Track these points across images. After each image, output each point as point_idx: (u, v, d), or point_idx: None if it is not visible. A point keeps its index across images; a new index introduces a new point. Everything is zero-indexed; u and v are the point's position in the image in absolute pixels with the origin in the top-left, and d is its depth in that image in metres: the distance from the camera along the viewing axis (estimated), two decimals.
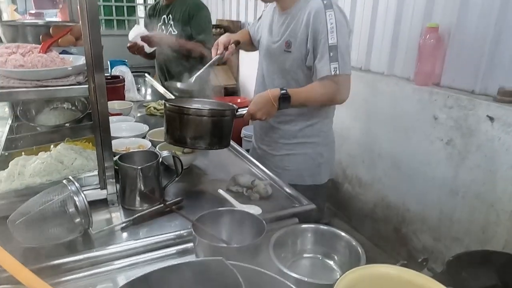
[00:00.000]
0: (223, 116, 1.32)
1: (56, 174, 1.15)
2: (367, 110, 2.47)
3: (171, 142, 1.32)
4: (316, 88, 1.46)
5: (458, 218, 1.96)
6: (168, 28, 2.68)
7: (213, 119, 1.28)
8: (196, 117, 1.26)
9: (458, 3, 1.90)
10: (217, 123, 1.29)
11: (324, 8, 1.40)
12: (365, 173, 2.57)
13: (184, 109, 1.27)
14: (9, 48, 1.10)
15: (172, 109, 1.29)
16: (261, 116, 1.42)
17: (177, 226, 1.06)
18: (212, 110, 1.32)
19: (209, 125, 1.27)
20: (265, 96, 1.42)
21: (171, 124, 1.30)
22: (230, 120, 1.34)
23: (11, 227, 0.94)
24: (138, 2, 5.54)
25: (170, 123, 1.30)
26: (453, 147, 1.94)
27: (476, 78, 1.88)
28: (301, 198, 1.24)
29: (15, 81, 1.02)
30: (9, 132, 1.60)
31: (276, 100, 1.40)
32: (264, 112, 1.42)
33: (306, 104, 1.51)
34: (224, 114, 1.32)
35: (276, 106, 1.41)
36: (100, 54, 1.03)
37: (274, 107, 1.41)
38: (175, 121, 1.28)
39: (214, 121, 1.28)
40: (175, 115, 1.28)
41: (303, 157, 1.64)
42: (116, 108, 2.00)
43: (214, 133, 1.29)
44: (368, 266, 0.81)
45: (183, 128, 1.27)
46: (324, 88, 1.45)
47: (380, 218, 2.48)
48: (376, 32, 2.44)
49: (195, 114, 1.27)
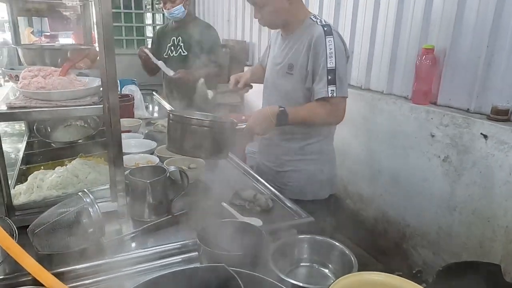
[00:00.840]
0: (223, 128, 1.39)
1: (71, 187, 1.24)
2: (367, 127, 2.55)
3: (172, 149, 1.39)
4: (313, 108, 1.55)
5: (456, 233, 2.00)
6: (178, 49, 2.81)
7: (212, 130, 1.35)
8: (196, 127, 1.34)
9: (452, 26, 2.00)
10: (217, 134, 1.36)
11: (324, 35, 1.49)
12: (365, 189, 2.63)
13: (186, 119, 1.35)
14: (32, 71, 1.20)
15: (175, 118, 1.37)
16: (259, 131, 1.50)
17: (183, 236, 1.14)
18: (212, 121, 1.40)
19: (208, 135, 1.34)
20: (264, 112, 1.51)
21: (173, 133, 1.37)
22: (229, 132, 1.41)
23: (30, 236, 1.02)
24: (146, 23, 5.73)
25: (172, 131, 1.38)
26: (450, 164, 2.00)
27: (470, 97, 1.96)
28: (301, 211, 1.31)
29: (37, 101, 1.12)
30: (26, 148, 1.70)
31: (274, 117, 1.48)
32: (262, 127, 1.50)
33: (303, 123, 1.58)
34: (223, 126, 1.40)
35: (274, 122, 1.49)
36: (114, 77, 1.12)
37: (272, 123, 1.49)
38: (177, 130, 1.35)
39: (214, 131, 1.35)
40: (177, 124, 1.36)
41: (305, 173, 1.71)
42: (126, 125, 2.09)
43: (212, 144, 1.35)
44: (359, 273, 0.88)
45: (184, 137, 1.34)
46: (321, 109, 1.53)
47: (381, 233, 2.53)
48: (375, 52, 2.54)
49: (196, 124, 1.34)
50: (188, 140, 1.33)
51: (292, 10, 1.56)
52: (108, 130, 1.16)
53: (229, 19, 4.65)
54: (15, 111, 1.09)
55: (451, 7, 1.99)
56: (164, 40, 2.90)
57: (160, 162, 1.58)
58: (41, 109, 1.11)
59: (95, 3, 1.06)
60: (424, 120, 2.12)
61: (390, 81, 2.45)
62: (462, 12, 1.95)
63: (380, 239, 2.53)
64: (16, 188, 1.26)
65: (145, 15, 5.64)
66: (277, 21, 1.59)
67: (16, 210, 1.14)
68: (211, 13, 5.10)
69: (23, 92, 1.14)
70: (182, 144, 1.35)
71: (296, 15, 1.59)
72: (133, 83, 2.82)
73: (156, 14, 5.86)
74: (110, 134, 1.16)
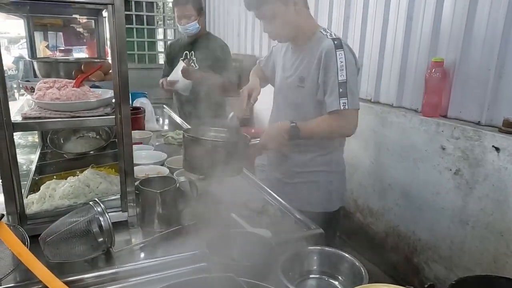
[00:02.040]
0: (237, 147, 1.41)
1: (83, 197, 1.25)
2: (377, 140, 2.54)
3: (188, 169, 1.41)
4: (325, 121, 1.55)
5: (469, 248, 1.97)
6: (190, 63, 2.85)
7: (227, 149, 1.37)
8: (211, 147, 1.36)
9: (461, 39, 2.00)
10: (231, 153, 1.38)
11: (334, 48, 1.51)
12: (376, 202, 2.61)
13: (201, 140, 1.37)
14: (47, 83, 1.23)
15: (189, 139, 1.39)
16: (272, 147, 1.51)
17: (192, 247, 1.13)
18: (226, 141, 1.42)
19: (223, 155, 1.36)
20: (276, 128, 1.52)
21: (188, 153, 1.40)
22: (243, 150, 1.43)
23: (42, 244, 1.03)
24: (158, 38, 5.84)
25: (187, 152, 1.40)
26: (461, 177, 1.98)
27: (481, 109, 1.95)
28: (309, 223, 1.30)
29: (52, 112, 1.15)
30: (39, 158, 1.73)
31: (286, 132, 1.49)
32: (275, 143, 1.51)
33: (315, 136, 1.59)
34: (237, 145, 1.41)
35: (287, 137, 1.50)
36: (126, 89, 1.15)
37: (285, 139, 1.50)
38: (192, 151, 1.38)
39: (228, 151, 1.37)
40: (192, 145, 1.38)
41: (314, 185, 1.71)
42: (137, 137, 2.12)
43: (227, 162, 1.37)
44: (370, 285, 0.87)
45: (199, 157, 1.36)
46: (333, 121, 1.54)
47: (391, 247, 2.49)
48: (385, 65, 2.55)
49: (211, 145, 1.36)
50: (203, 160, 1.35)
51: (301, 22, 1.58)
52: (120, 140, 1.18)
53: (239, 33, 4.72)
54: (30, 121, 1.12)
55: (460, 20, 1.99)
56: (177, 54, 2.94)
57: (170, 173, 1.60)
58: (56, 119, 1.14)
59: (109, 19, 1.10)
60: (435, 133, 2.10)
61: (400, 94, 2.44)
62: (471, 25, 1.95)
63: (391, 254, 2.49)
64: (29, 198, 1.28)
65: (156, 30, 5.75)
66: (287, 33, 1.60)
67: (28, 219, 1.15)
68: (221, 27, 5.18)
69: (38, 103, 1.17)
70: (197, 164, 1.36)
71: (305, 28, 1.61)
72: (144, 96, 2.86)
73: (167, 29, 5.97)
74: (121, 144, 1.18)
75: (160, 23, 5.79)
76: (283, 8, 1.52)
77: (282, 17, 1.54)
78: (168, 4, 5.93)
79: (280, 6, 1.52)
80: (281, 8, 1.52)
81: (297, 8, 1.54)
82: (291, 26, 1.57)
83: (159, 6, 5.72)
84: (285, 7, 1.52)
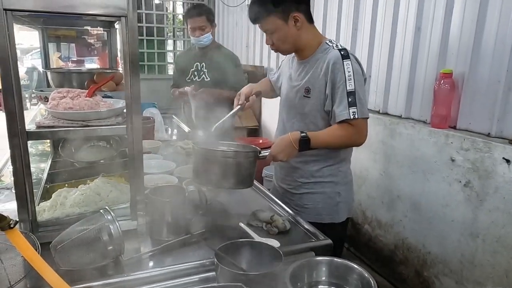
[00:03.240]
0: (247, 158, 1.41)
1: (93, 205, 1.27)
2: (385, 152, 2.53)
3: (198, 182, 1.42)
4: (335, 131, 1.55)
5: (480, 262, 1.93)
6: (201, 74, 2.87)
7: (237, 161, 1.38)
8: (221, 159, 1.36)
9: (470, 50, 2.00)
10: (241, 165, 1.39)
11: (341, 58, 1.52)
12: (384, 214, 2.58)
13: (211, 152, 1.38)
14: (61, 92, 1.26)
15: (200, 151, 1.40)
16: (283, 158, 1.51)
17: (201, 256, 1.14)
18: (236, 152, 1.43)
19: (233, 166, 1.36)
20: (286, 139, 1.52)
21: (199, 165, 1.41)
22: (253, 162, 1.43)
23: (53, 251, 1.05)
24: (167, 49, 5.93)
25: (198, 164, 1.41)
26: (471, 189, 1.96)
27: (491, 121, 1.93)
28: (318, 233, 1.30)
29: (65, 121, 1.17)
30: (50, 167, 1.76)
31: (296, 143, 1.50)
32: (285, 154, 1.51)
33: (325, 146, 1.59)
34: (248, 156, 1.42)
35: (297, 148, 1.50)
36: (138, 99, 1.17)
37: (295, 149, 1.50)
38: (202, 163, 1.39)
39: (238, 163, 1.38)
40: (202, 157, 1.39)
41: (321, 196, 1.70)
42: (146, 147, 2.14)
43: (238, 174, 1.38)
44: None
45: (210, 170, 1.37)
46: (343, 131, 1.53)
47: (401, 260, 2.46)
48: (393, 77, 2.56)
49: (221, 156, 1.37)
50: (214, 172, 1.35)
51: (303, 36, 1.60)
52: (131, 149, 1.19)
53: (247, 44, 4.77)
54: (44, 130, 1.14)
55: (469, 32, 2.00)
56: (188, 65, 2.96)
57: (179, 182, 1.61)
58: (68, 128, 1.16)
59: (122, 31, 1.12)
60: (444, 144, 2.09)
61: (408, 105, 2.44)
62: (480, 37, 1.95)
63: (400, 266, 2.46)
64: (41, 205, 1.30)
65: (166, 42, 5.84)
66: (288, 47, 1.63)
67: (40, 226, 1.17)
68: (230, 39, 5.24)
69: (51, 112, 1.20)
70: (207, 176, 1.37)
71: (310, 41, 1.63)
72: (154, 106, 2.90)
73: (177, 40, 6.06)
74: (132, 153, 1.19)
75: (169, 34, 5.88)
76: (282, 24, 1.55)
77: (281, 32, 1.57)
78: (177, 16, 6.03)
79: (279, 22, 1.55)
80: (280, 23, 1.55)
81: (298, 24, 1.57)
82: (292, 39, 1.59)
83: (169, 18, 5.81)
84: (285, 23, 1.55)
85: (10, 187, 1.55)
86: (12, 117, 1.05)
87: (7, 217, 0.89)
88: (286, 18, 1.54)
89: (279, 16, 1.54)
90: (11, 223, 0.88)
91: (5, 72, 1.02)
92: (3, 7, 0.97)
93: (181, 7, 6.00)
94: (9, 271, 0.98)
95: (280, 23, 1.55)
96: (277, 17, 1.54)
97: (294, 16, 1.55)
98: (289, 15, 1.54)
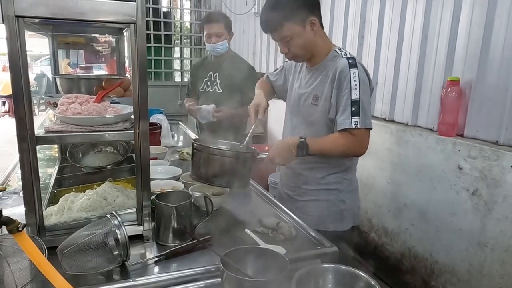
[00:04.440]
0: (244, 158, 1.41)
1: (100, 210, 1.27)
2: (392, 159, 2.52)
3: (194, 177, 1.43)
4: (336, 139, 1.54)
5: (489, 271, 1.91)
6: (214, 85, 2.78)
7: (234, 160, 1.38)
8: (219, 156, 1.37)
9: (477, 58, 1.99)
10: (239, 164, 1.39)
11: (349, 67, 1.51)
12: (391, 222, 2.56)
13: (209, 148, 1.39)
14: (70, 98, 1.28)
15: (198, 147, 1.41)
16: (280, 161, 1.51)
17: (206, 262, 1.14)
18: (234, 151, 1.43)
19: (230, 164, 1.37)
20: (285, 142, 1.52)
21: (196, 161, 1.42)
22: (250, 162, 1.43)
23: (59, 255, 1.05)
24: (175, 56, 5.97)
25: (195, 160, 1.42)
26: (479, 198, 1.94)
27: (499, 129, 1.92)
28: (324, 241, 1.29)
29: (73, 126, 1.18)
30: (58, 172, 1.77)
31: (294, 147, 1.49)
32: (282, 157, 1.51)
33: (324, 154, 1.58)
34: (245, 156, 1.42)
35: (295, 153, 1.50)
36: (146, 105, 1.18)
37: (293, 154, 1.50)
38: (200, 159, 1.40)
39: (236, 161, 1.38)
40: (200, 153, 1.40)
41: (326, 204, 1.69)
42: (153, 152, 2.15)
43: (233, 173, 1.38)
44: None
45: (207, 166, 1.38)
46: (343, 140, 1.52)
47: (408, 269, 2.43)
48: (400, 84, 2.55)
49: (219, 154, 1.38)
50: (210, 169, 1.37)
51: (318, 42, 1.60)
52: (138, 155, 1.20)
53: (254, 52, 4.79)
54: (52, 135, 1.15)
55: (477, 39, 1.99)
56: (202, 74, 2.87)
57: (185, 188, 1.61)
58: (76, 133, 1.17)
59: (131, 38, 1.14)
60: (451, 152, 2.08)
61: (415, 113, 2.43)
62: (488, 44, 1.95)
63: (407, 275, 2.43)
64: (48, 210, 1.31)
65: (173, 49, 5.89)
66: (304, 53, 1.60)
67: (47, 230, 1.18)
68: (237, 46, 5.27)
69: (60, 118, 1.21)
70: (204, 172, 1.39)
71: (321, 47, 1.62)
72: (161, 112, 2.91)
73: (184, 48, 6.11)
74: (139, 159, 1.20)
75: (177, 42, 5.93)
76: (301, 29, 1.53)
77: (299, 38, 1.54)
78: (185, 24, 6.09)
79: (297, 28, 1.52)
80: (299, 29, 1.53)
81: (314, 28, 1.55)
82: (309, 47, 1.58)
83: (176, 26, 5.87)
84: (303, 28, 1.53)
85: (18, 191, 1.56)
86: (22, 122, 1.06)
87: (15, 220, 0.89)
88: (304, 24, 1.53)
89: (297, 21, 1.51)
90: (19, 226, 0.89)
91: (16, 78, 1.03)
92: (15, 14, 0.99)
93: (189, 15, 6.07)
94: (16, 275, 0.99)
95: (298, 29, 1.52)
96: (295, 23, 1.51)
97: (311, 20, 1.53)
98: (306, 20, 1.52)
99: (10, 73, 1.03)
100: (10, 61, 1.02)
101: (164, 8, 5.75)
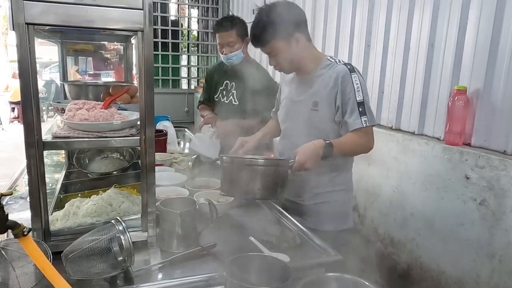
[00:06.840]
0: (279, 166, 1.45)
1: (105, 216, 1.28)
2: (398, 168, 2.50)
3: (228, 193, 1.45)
4: (353, 139, 1.63)
5: (497, 284, 1.87)
6: (229, 96, 2.56)
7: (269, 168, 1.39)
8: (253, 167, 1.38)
9: (484, 67, 1.98)
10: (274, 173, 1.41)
11: (349, 72, 1.63)
12: (397, 232, 2.53)
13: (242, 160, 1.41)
14: (77, 104, 1.29)
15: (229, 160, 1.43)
16: (310, 165, 1.51)
17: (210, 269, 1.14)
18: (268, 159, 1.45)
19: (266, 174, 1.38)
20: (311, 146, 1.53)
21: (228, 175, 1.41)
22: (285, 170, 1.46)
23: (64, 260, 1.06)
24: (182, 64, 6.03)
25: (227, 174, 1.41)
26: (487, 208, 1.91)
27: (507, 138, 1.90)
28: (329, 249, 1.29)
29: (80, 132, 1.19)
30: (64, 177, 1.79)
31: (321, 149, 1.53)
32: (312, 161, 1.52)
33: (344, 153, 1.67)
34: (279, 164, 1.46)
35: (321, 155, 1.53)
36: (152, 112, 1.19)
37: (319, 157, 1.53)
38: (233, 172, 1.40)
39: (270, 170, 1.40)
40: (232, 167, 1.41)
41: (334, 205, 1.76)
42: (158, 159, 2.16)
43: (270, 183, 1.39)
44: None
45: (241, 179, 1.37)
46: (359, 138, 1.63)
47: (414, 280, 2.40)
48: (406, 93, 2.54)
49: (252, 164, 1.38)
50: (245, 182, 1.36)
51: (305, 55, 1.69)
52: (143, 161, 1.21)
53: (260, 60, 4.81)
54: (59, 141, 1.17)
55: (484, 48, 1.98)
56: (217, 81, 2.64)
57: (190, 195, 1.61)
58: (83, 139, 1.18)
59: (138, 45, 1.15)
60: (458, 162, 2.06)
61: (422, 122, 2.42)
62: (495, 53, 1.94)
63: (414, 286, 2.40)
64: (54, 215, 1.32)
65: (181, 57, 5.94)
66: (291, 66, 1.72)
67: (52, 235, 1.18)
68: None
69: (67, 123, 1.22)
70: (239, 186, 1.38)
71: (310, 60, 1.72)
72: (167, 119, 2.93)
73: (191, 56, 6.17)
74: (144, 165, 1.21)
75: (184, 49, 5.99)
76: (286, 46, 1.63)
77: (285, 53, 1.65)
78: (192, 32, 6.16)
79: (283, 44, 1.63)
80: (284, 45, 1.63)
81: (299, 45, 1.65)
82: (295, 61, 1.69)
83: (183, 34, 5.93)
84: (288, 44, 1.63)
85: (25, 196, 1.58)
86: (30, 128, 1.07)
87: (21, 224, 0.90)
88: (289, 40, 1.63)
89: (283, 38, 1.62)
90: (24, 230, 0.89)
91: (25, 84, 1.05)
92: (26, 21, 1.01)
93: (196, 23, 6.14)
94: (20, 279, 0.99)
95: (283, 45, 1.63)
96: (280, 40, 1.62)
97: (297, 37, 1.64)
98: (291, 37, 1.63)
99: (20, 80, 1.04)
100: (20, 68, 1.03)
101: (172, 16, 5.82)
